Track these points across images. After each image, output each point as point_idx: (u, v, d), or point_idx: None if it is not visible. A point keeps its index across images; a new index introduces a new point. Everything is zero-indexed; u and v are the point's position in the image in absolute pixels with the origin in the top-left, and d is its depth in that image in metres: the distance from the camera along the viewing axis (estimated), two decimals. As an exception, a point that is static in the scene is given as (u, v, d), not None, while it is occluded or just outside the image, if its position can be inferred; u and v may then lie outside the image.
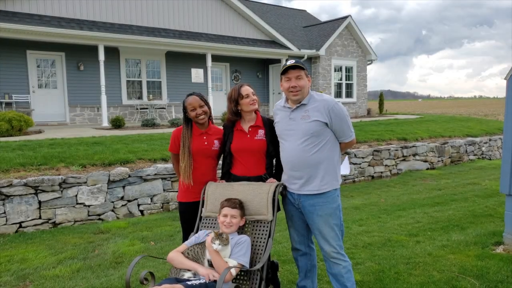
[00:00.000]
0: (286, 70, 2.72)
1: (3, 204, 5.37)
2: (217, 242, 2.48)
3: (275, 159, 3.11)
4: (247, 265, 2.55)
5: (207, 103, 3.10)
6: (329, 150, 2.75)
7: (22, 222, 5.47)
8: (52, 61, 11.97)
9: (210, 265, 2.54)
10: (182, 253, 2.66)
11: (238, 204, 2.76)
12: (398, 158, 9.89)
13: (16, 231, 5.44)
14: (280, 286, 3.40)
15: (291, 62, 2.73)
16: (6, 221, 5.38)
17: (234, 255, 2.54)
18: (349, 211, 6.23)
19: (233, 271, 2.45)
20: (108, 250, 4.64)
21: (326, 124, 2.71)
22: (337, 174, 2.82)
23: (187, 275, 2.51)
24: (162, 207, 6.59)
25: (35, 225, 5.55)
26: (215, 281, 2.40)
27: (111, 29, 11.39)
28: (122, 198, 6.24)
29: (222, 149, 3.15)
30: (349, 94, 17.57)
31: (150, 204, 6.48)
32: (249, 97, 2.95)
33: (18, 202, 5.44)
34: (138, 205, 6.39)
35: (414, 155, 10.27)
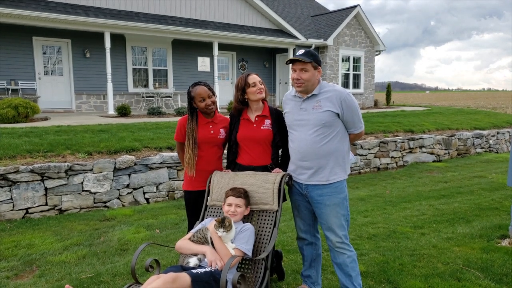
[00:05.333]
0: (292, 61, 2.70)
1: (10, 190, 5.42)
2: (221, 230, 2.49)
3: (281, 149, 3.09)
4: (249, 253, 2.55)
5: (214, 93, 3.09)
6: (339, 141, 2.73)
7: (29, 208, 5.53)
8: (58, 48, 11.97)
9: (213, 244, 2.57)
10: (189, 239, 2.67)
11: (242, 193, 2.76)
12: (404, 150, 9.83)
13: (23, 217, 5.49)
14: (285, 275, 3.42)
15: (300, 52, 2.70)
16: (13, 207, 5.43)
17: (236, 242, 2.56)
18: (355, 202, 6.22)
19: (236, 259, 2.46)
20: (113, 237, 4.68)
21: (338, 114, 2.68)
22: (346, 165, 2.80)
23: (192, 262, 2.51)
24: (167, 196, 6.62)
25: (41, 211, 5.60)
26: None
27: (117, 16, 11.32)
28: (127, 186, 6.27)
29: (228, 138, 3.14)
30: (356, 85, 17.43)
31: (155, 192, 6.51)
32: (256, 86, 2.91)
33: (25, 188, 5.49)
34: (144, 193, 6.42)
35: (420, 147, 10.20)
